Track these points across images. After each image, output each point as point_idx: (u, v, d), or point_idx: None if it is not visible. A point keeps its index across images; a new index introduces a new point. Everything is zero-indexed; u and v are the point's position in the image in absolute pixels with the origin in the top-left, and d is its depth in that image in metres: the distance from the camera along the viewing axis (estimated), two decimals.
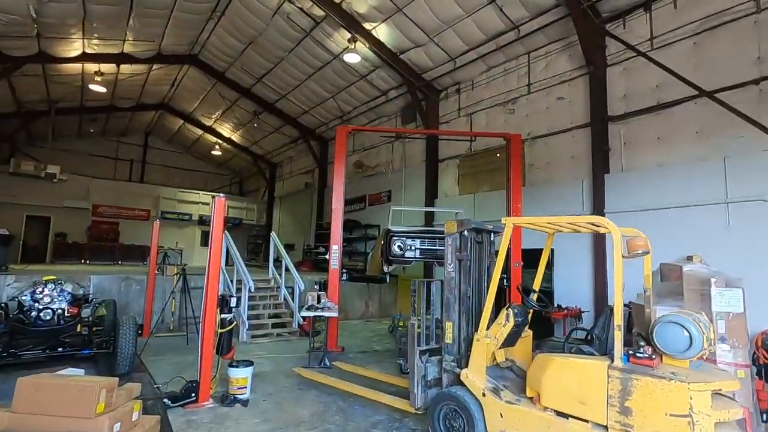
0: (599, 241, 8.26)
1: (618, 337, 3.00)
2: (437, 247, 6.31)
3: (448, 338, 3.94)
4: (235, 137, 20.91)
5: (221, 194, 5.00)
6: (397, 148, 14.28)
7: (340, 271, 7.95)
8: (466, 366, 3.73)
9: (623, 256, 3.16)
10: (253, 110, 17.19)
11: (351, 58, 11.84)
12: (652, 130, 7.97)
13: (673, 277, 4.52)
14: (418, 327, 4.14)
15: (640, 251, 3.37)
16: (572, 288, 8.65)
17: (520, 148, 8.28)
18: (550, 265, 8.75)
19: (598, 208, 8.34)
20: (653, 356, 2.97)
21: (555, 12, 8.97)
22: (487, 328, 3.68)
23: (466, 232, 4.03)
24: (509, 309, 3.65)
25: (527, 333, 4.10)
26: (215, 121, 19.72)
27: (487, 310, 3.66)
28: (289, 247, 16.85)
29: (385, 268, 7.26)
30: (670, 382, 2.75)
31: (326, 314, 6.51)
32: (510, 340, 3.87)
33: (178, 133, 22.01)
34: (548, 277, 8.77)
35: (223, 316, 4.88)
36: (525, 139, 10.11)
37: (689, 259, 4.80)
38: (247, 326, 8.13)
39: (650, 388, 2.79)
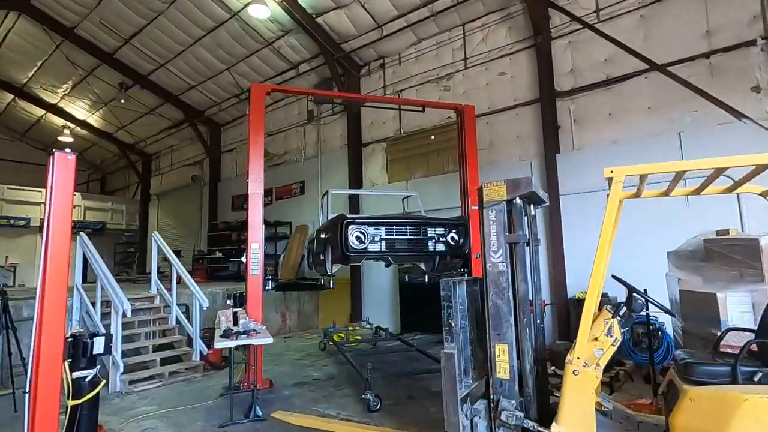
0: (555, 224, 7.58)
1: None
2: (409, 237, 4.75)
3: (503, 371, 2.43)
4: (93, 120, 16.56)
5: (68, 150, 2.72)
6: (310, 131, 12.33)
7: (264, 279, 5.87)
8: (547, 419, 2.24)
9: None
10: (119, 83, 13.55)
11: (257, 11, 9.59)
12: (602, 106, 7.53)
13: (721, 256, 3.65)
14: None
15: None
16: None
17: (475, 121, 7.19)
18: None
19: (551, 190, 7.65)
20: None
21: None
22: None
23: (519, 200, 2.55)
24: (615, 316, 2.26)
25: None
26: (63, 98, 15.27)
27: (587, 319, 2.21)
28: (175, 254, 13.70)
29: (331, 269, 5.45)
30: None
31: (257, 341, 4.47)
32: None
33: (6, 113, 16.72)
34: None
35: (78, 374, 2.63)
36: None
37: (722, 233, 4.02)
38: (120, 369, 5.54)
39: None
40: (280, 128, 13.00)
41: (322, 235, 5.61)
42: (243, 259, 5.85)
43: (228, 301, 5.89)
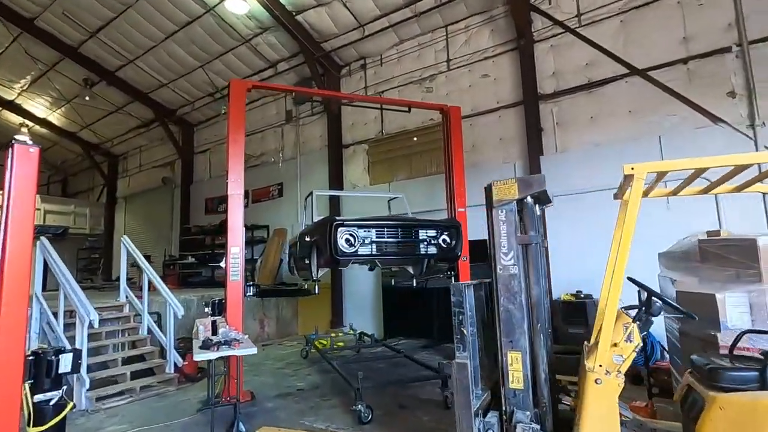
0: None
1: None
2: (400, 239, 4.57)
3: (516, 381, 2.29)
4: (54, 118, 15.64)
5: (30, 142, 2.40)
6: (288, 132, 12.01)
7: (245, 285, 5.56)
8: (561, 430, 2.10)
9: None
10: (84, 79, 12.82)
11: (234, 7, 9.25)
12: (585, 109, 7.60)
13: (716, 256, 3.64)
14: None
15: None
16: None
17: (461, 122, 7.10)
18: (487, 257, 7.76)
19: None
20: None
21: None
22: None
23: (530, 199, 2.42)
24: (635, 320, 2.15)
25: None
26: (21, 93, 14.34)
27: (608, 325, 2.08)
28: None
29: (317, 274, 5.21)
30: None
31: (241, 351, 4.17)
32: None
33: None
34: (488, 274, 7.76)
35: (40, 397, 2.31)
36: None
37: (713, 234, 4.03)
38: (86, 385, 5.10)
39: None
40: (257, 128, 12.60)
41: (307, 238, 5.35)
42: (222, 263, 5.53)
43: (206, 309, 5.53)
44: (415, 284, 5.85)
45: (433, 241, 4.72)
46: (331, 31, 9.81)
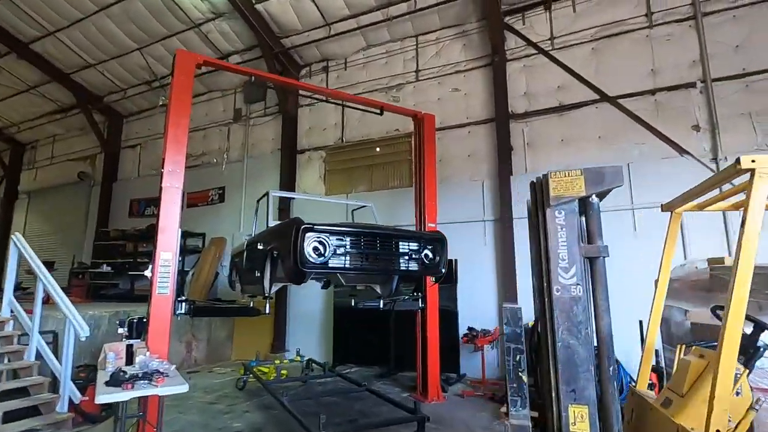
0: (507, 248, 7.21)
1: None
2: (378, 251, 3.82)
3: None
4: None
5: None
6: (236, 132, 10.89)
7: (175, 301, 4.46)
8: None
9: None
10: None
11: None
12: (555, 131, 7.49)
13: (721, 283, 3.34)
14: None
15: None
16: (475, 306, 7.34)
17: (434, 131, 6.61)
18: (452, 278, 7.25)
19: (505, 213, 7.34)
20: None
21: None
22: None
23: (595, 198, 1.84)
24: (747, 366, 1.59)
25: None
26: None
27: (727, 377, 1.50)
28: (46, 266, 11.04)
29: (269, 290, 4.28)
30: None
31: (166, 389, 3.12)
32: None
33: None
34: (451, 295, 7.23)
35: None
36: (413, 132, 8.61)
37: (716, 261, 3.78)
38: None
39: None
40: (199, 126, 11.31)
41: (261, 246, 4.43)
42: (148, 273, 4.41)
43: (120, 330, 4.34)
44: (381, 306, 5.10)
45: (414, 256, 4.04)
46: (294, 26, 9.06)
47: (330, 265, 3.57)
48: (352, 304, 4.95)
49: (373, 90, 9.23)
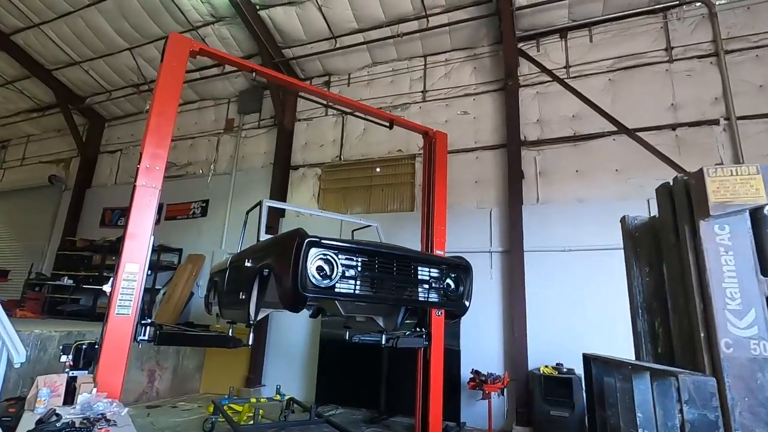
0: (517, 284, 6.60)
1: None
2: (395, 276, 3.15)
3: None
4: None
5: None
6: (226, 143, 10.23)
7: (138, 324, 3.65)
8: None
9: None
10: None
11: None
12: (570, 161, 7.08)
13: None
14: None
15: None
16: (480, 345, 6.64)
17: (446, 151, 6.09)
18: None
19: (515, 244, 6.78)
20: None
21: (473, 10, 7.60)
22: None
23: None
24: None
25: None
26: None
27: None
28: None
29: (255, 315, 3.53)
30: None
31: None
32: None
33: None
34: (454, 332, 6.52)
35: None
36: (417, 153, 8.13)
37: None
38: None
39: None
40: (187, 134, 10.65)
41: (249, 263, 3.71)
42: (107, 287, 3.61)
43: (62, 357, 3.48)
44: (384, 342, 4.35)
45: (434, 284, 3.37)
46: (298, 36, 8.64)
47: (336, 291, 2.88)
48: (346, 337, 4.20)
49: (377, 108, 8.76)
